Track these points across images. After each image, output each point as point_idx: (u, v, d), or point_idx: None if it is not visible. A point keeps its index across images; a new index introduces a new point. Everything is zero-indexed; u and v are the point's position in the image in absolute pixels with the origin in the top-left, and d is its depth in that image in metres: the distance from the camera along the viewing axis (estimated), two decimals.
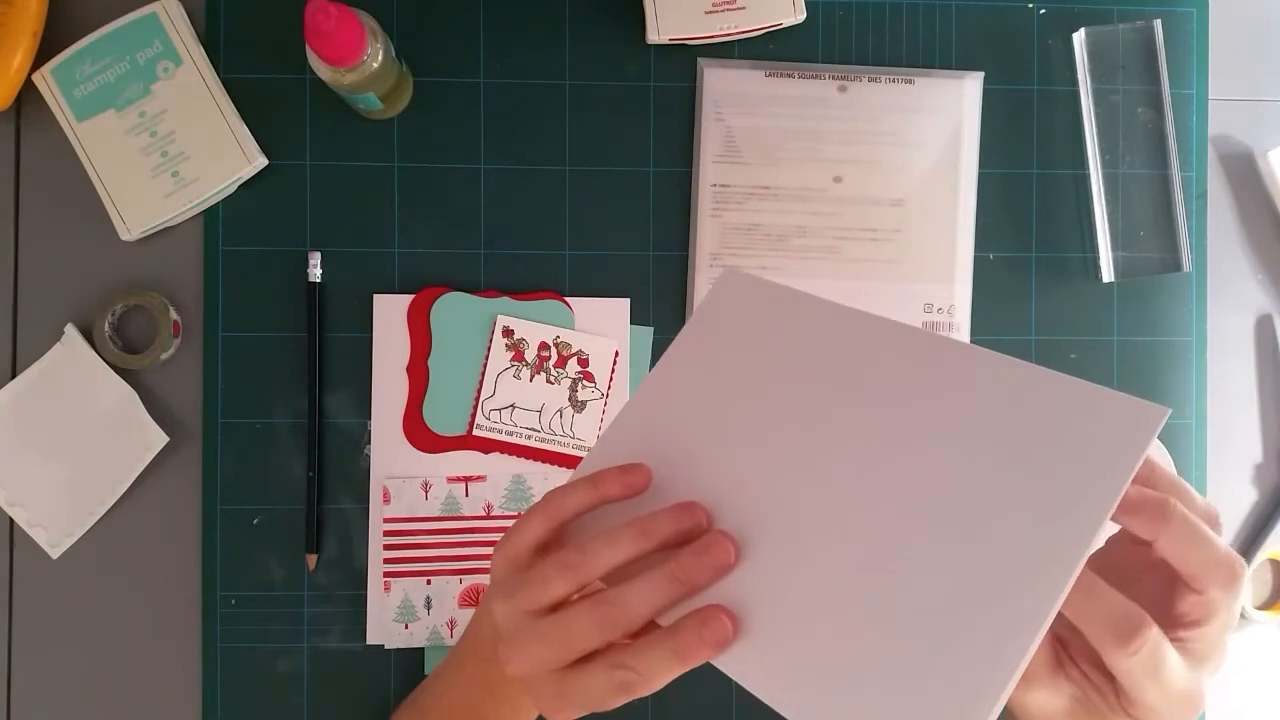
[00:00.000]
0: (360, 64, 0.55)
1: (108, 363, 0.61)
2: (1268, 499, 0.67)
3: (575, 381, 0.56)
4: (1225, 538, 0.67)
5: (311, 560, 0.62)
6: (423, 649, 0.63)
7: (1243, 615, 0.66)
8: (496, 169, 0.64)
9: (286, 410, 0.63)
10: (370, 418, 0.63)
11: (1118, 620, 0.32)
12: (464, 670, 0.50)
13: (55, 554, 0.61)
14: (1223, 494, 0.67)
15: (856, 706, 0.31)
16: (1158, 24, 0.65)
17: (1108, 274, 0.65)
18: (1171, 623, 0.35)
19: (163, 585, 0.62)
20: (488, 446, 0.60)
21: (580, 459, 0.55)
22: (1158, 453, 0.65)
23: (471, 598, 0.62)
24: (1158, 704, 0.33)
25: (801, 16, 0.62)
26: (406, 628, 0.62)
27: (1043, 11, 0.66)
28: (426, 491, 0.63)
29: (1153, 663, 0.32)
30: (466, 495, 0.62)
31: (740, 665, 0.33)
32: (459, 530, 0.62)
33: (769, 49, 0.64)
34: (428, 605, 0.62)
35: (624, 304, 0.63)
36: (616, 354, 0.59)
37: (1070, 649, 0.35)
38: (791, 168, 0.64)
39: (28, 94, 0.61)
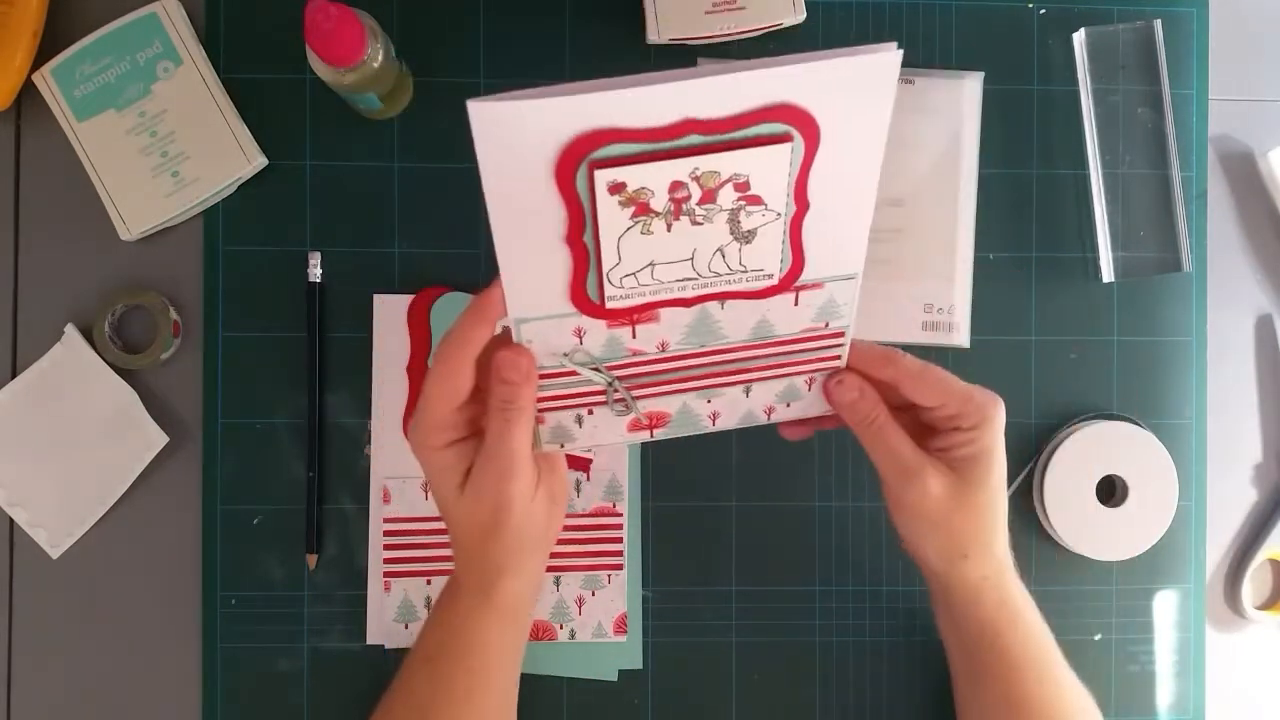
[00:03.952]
0: (360, 64, 0.55)
1: (108, 363, 0.61)
2: (1268, 499, 0.67)
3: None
4: (1224, 538, 0.67)
5: (311, 560, 0.62)
6: None
7: (1243, 615, 0.66)
8: None
9: (286, 410, 0.63)
10: (370, 418, 0.63)
11: (877, 358, 0.48)
12: (455, 612, 0.51)
13: (55, 554, 0.61)
14: (1223, 494, 0.67)
15: None
16: (1158, 24, 0.65)
17: (1108, 274, 0.65)
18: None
19: (163, 585, 0.62)
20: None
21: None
22: (1157, 451, 0.65)
23: None
24: (952, 391, 0.48)
25: (801, 16, 0.62)
26: (406, 628, 0.62)
27: (1043, 11, 0.66)
28: (427, 491, 0.63)
29: (913, 364, 0.48)
30: None
31: None
32: (450, 545, 0.62)
33: (769, 49, 0.64)
34: (428, 605, 0.62)
35: None
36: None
37: (924, 443, 0.49)
38: None
39: (28, 94, 0.61)
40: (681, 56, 0.64)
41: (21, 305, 0.62)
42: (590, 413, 0.46)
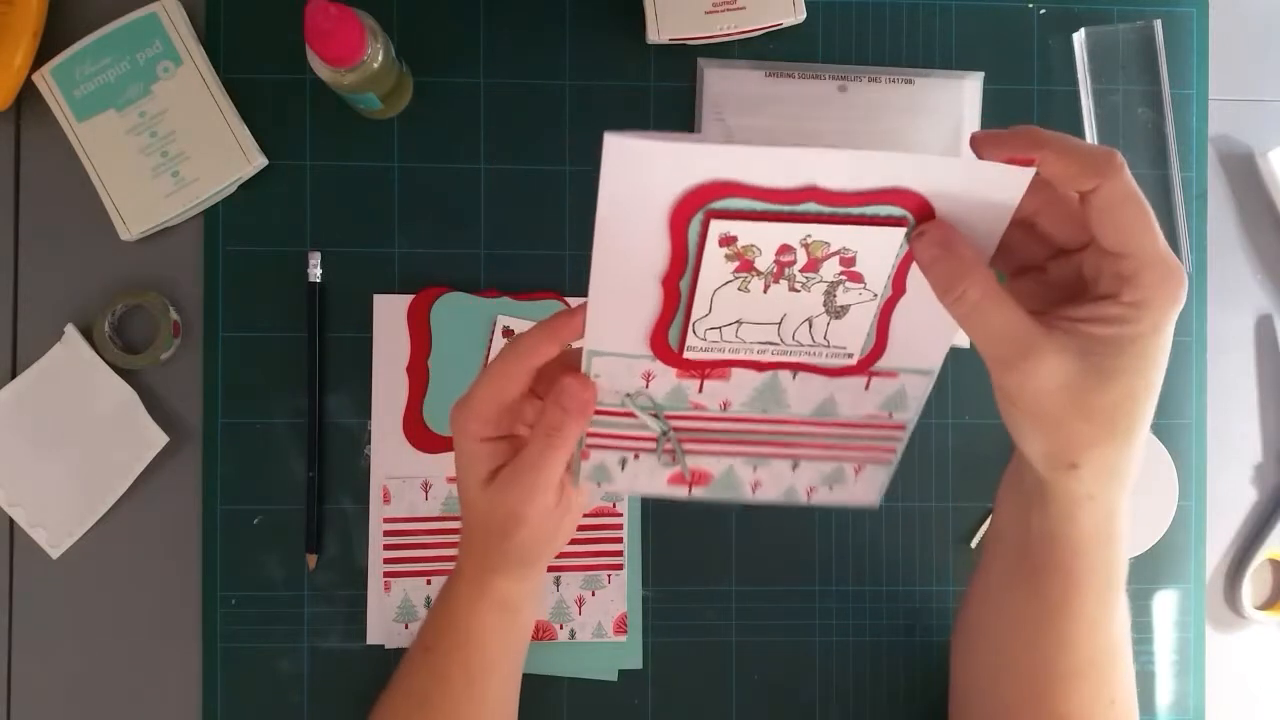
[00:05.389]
0: (360, 64, 0.55)
1: (108, 363, 0.61)
2: (1268, 499, 0.67)
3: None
4: (1224, 538, 0.67)
5: (311, 560, 0.62)
6: None
7: (1243, 615, 0.66)
8: (496, 169, 0.64)
9: (286, 410, 0.63)
10: (370, 418, 0.63)
11: (1092, 153, 0.36)
12: (459, 601, 0.52)
13: (55, 554, 0.61)
14: (1223, 494, 0.67)
15: None
16: (1158, 24, 0.65)
17: None
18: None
19: (163, 585, 0.62)
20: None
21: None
22: (1157, 451, 0.65)
23: None
24: (1146, 244, 0.36)
25: (801, 16, 0.62)
26: (406, 628, 0.62)
27: (1043, 11, 0.66)
28: (427, 491, 0.63)
29: (1129, 187, 0.36)
30: None
31: None
32: (460, 530, 0.62)
33: (769, 49, 0.64)
34: (428, 605, 0.62)
35: None
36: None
37: (1049, 314, 0.38)
38: None
39: (28, 94, 0.61)
40: (682, 56, 0.64)
41: (21, 305, 0.62)
42: (636, 457, 0.46)
